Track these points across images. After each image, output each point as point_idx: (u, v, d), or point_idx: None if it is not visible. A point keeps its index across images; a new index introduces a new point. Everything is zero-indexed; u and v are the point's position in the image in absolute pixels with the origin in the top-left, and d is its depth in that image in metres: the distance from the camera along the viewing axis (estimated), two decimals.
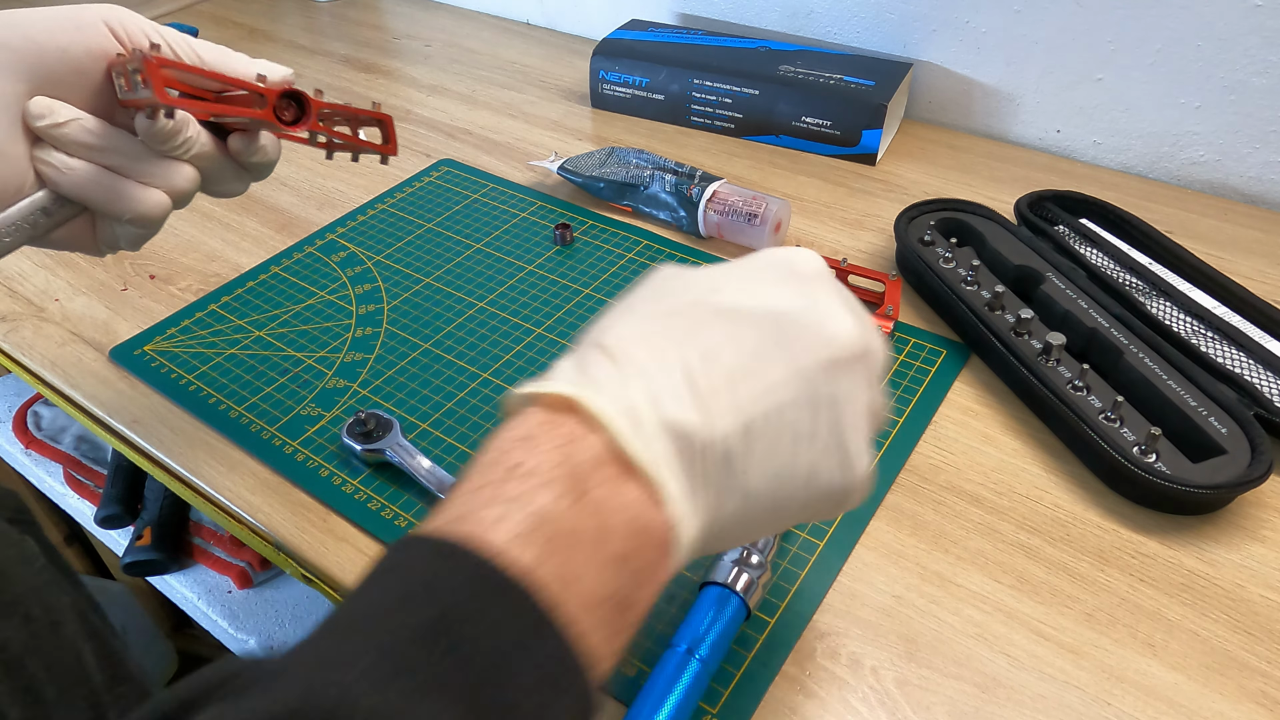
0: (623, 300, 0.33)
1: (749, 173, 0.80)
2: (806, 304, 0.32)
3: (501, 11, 1.14)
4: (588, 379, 0.28)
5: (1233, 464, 0.48)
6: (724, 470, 0.29)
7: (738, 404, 0.29)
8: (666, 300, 0.32)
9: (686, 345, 0.29)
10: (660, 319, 0.30)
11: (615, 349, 0.29)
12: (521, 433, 0.27)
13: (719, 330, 0.30)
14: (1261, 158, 0.74)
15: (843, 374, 0.32)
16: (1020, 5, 0.78)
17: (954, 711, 0.41)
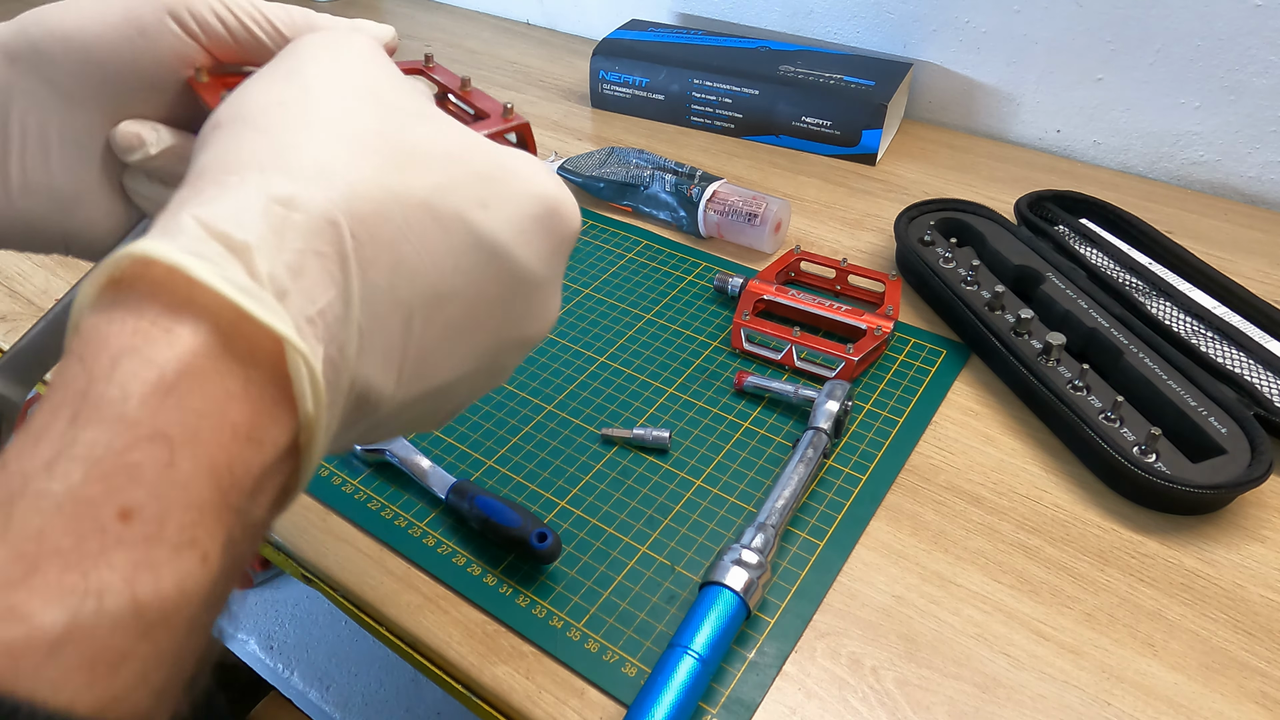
0: (325, 75, 0.27)
1: (749, 173, 0.80)
2: (550, 277, 0.29)
3: (501, 11, 1.14)
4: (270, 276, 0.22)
5: (1233, 464, 0.48)
6: (371, 420, 0.26)
7: (434, 377, 0.27)
8: (411, 156, 0.26)
9: (422, 284, 0.25)
10: (400, 202, 0.25)
11: (324, 229, 0.23)
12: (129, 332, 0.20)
13: (464, 269, 0.26)
14: (1261, 158, 0.74)
15: (526, 351, 0.31)
16: (1020, 5, 0.78)
17: (954, 711, 0.41)
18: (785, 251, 0.68)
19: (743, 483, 0.52)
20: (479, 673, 0.43)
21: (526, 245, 0.28)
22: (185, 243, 0.21)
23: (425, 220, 0.25)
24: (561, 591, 0.46)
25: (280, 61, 0.28)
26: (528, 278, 0.28)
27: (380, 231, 0.24)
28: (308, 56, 0.28)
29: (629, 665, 0.43)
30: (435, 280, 0.25)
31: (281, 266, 0.22)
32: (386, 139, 0.25)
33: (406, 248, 0.25)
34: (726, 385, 0.58)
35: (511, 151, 0.29)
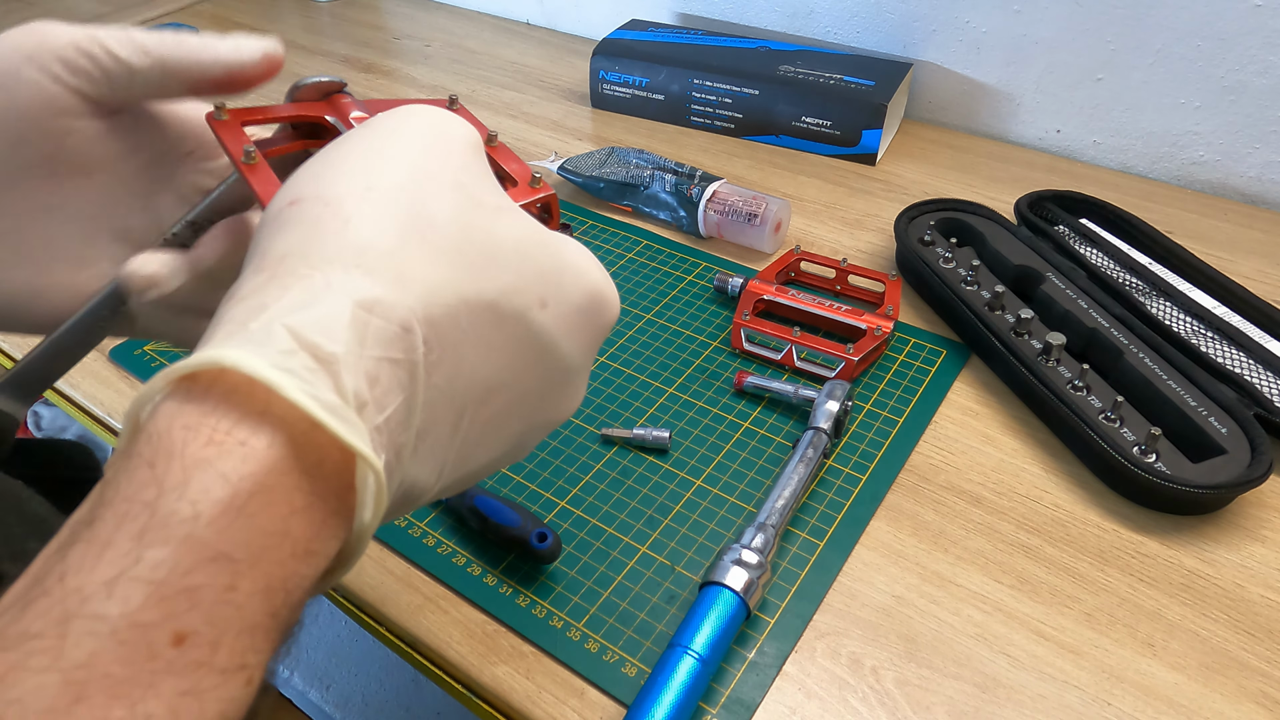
0: (406, 168, 0.25)
1: (749, 173, 0.80)
2: (584, 366, 0.30)
3: (501, 11, 1.14)
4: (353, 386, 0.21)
5: (1233, 464, 0.48)
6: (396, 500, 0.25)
7: (471, 466, 0.27)
8: (482, 258, 0.25)
9: (476, 384, 0.25)
10: (466, 306, 0.25)
11: (394, 337, 0.23)
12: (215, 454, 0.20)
13: (518, 368, 0.26)
14: (1261, 158, 0.74)
15: (545, 433, 0.31)
16: (1020, 5, 0.78)
17: (954, 711, 0.41)
18: (785, 251, 0.68)
19: (743, 483, 0.52)
20: (479, 673, 0.43)
21: (571, 338, 0.28)
22: (274, 355, 0.20)
23: (489, 321, 0.25)
24: (561, 591, 0.46)
25: (372, 135, 0.27)
26: (568, 367, 0.29)
27: (448, 335, 0.24)
28: (402, 136, 0.27)
29: (629, 665, 0.43)
30: (487, 376, 0.26)
31: (362, 378, 0.21)
32: (468, 238, 0.25)
33: (468, 349, 0.25)
34: (726, 385, 0.58)
35: (566, 242, 0.29)
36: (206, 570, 0.19)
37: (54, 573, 0.18)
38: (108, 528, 0.19)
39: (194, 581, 0.18)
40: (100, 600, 0.18)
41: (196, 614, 0.18)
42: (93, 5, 1.17)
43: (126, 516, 0.19)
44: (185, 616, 0.18)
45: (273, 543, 0.20)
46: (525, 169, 0.36)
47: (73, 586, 0.18)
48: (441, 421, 0.25)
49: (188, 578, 0.18)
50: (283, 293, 0.22)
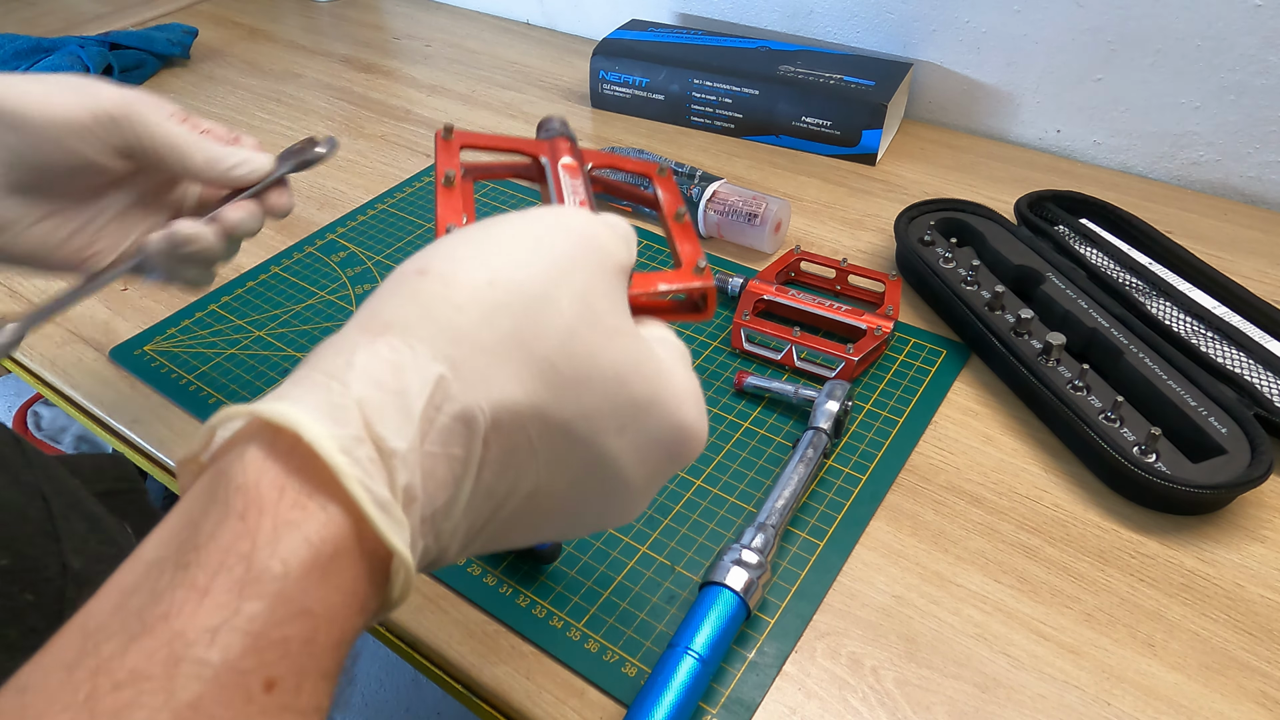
0: (541, 275, 0.27)
1: (749, 173, 0.81)
2: (650, 488, 0.30)
3: (501, 11, 1.14)
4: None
5: (1233, 464, 0.48)
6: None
7: (503, 542, 0.28)
8: (591, 384, 0.26)
9: (530, 486, 0.27)
10: (553, 416, 0.26)
11: (476, 430, 0.24)
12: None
13: (572, 477, 0.27)
14: (1261, 158, 0.74)
15: (599, 528, 0.31)
16: (1020, 5, 0.78)
17: (954, 711, 0.41)
18: (785, 251, 0.68)
19: (743, 483, 0.52)
20: (479, 673, 0.43)
21: (641, 466, 0.28)
22: (346, 439, 0.22)
23: (559, 438, 0.26)
24: (561, 591, 0.46)
25: (522, 228, 0.28)
26: (630, 491, 0.29)
27: (511, 440, 0.25)
28: (551, 238, 0.28)
29: (629, 665, 0.43)
30: (539, 482, 0.26)
31: (417, 473, 0.23)
32: (569, 355, 0.26)
33: (527, 457, 0.26)
34: (726, 385, 0.58)
35: (671, 374, 0.29)
36: (294, 624, 0.21)
37: (155, 611, 0.20)
38: (206, 575, 0.20)
39: (284, 634, 0.20)
40: (204, 646, 0.19)
41: (285, 663, 0.20)
42: (94, 5, 1.17)
43: (223, 567, 0.20)
44: (276, 665, 0.20)
45: (343, 600, 0.22)
46: (696, 251, 0.38)
47: (177, 630, 0.20)
48: (481, 509, 0.26)
49: (279, 630, 0.20)
50: (372, 360, 0.24)
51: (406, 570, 0.23)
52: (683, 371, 0.30)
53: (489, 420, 0.24)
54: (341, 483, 0.22)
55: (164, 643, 0.19)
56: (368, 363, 0.24)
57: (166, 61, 1.01)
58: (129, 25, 1.10)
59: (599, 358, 0.26)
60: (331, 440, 0.22)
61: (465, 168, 0.39)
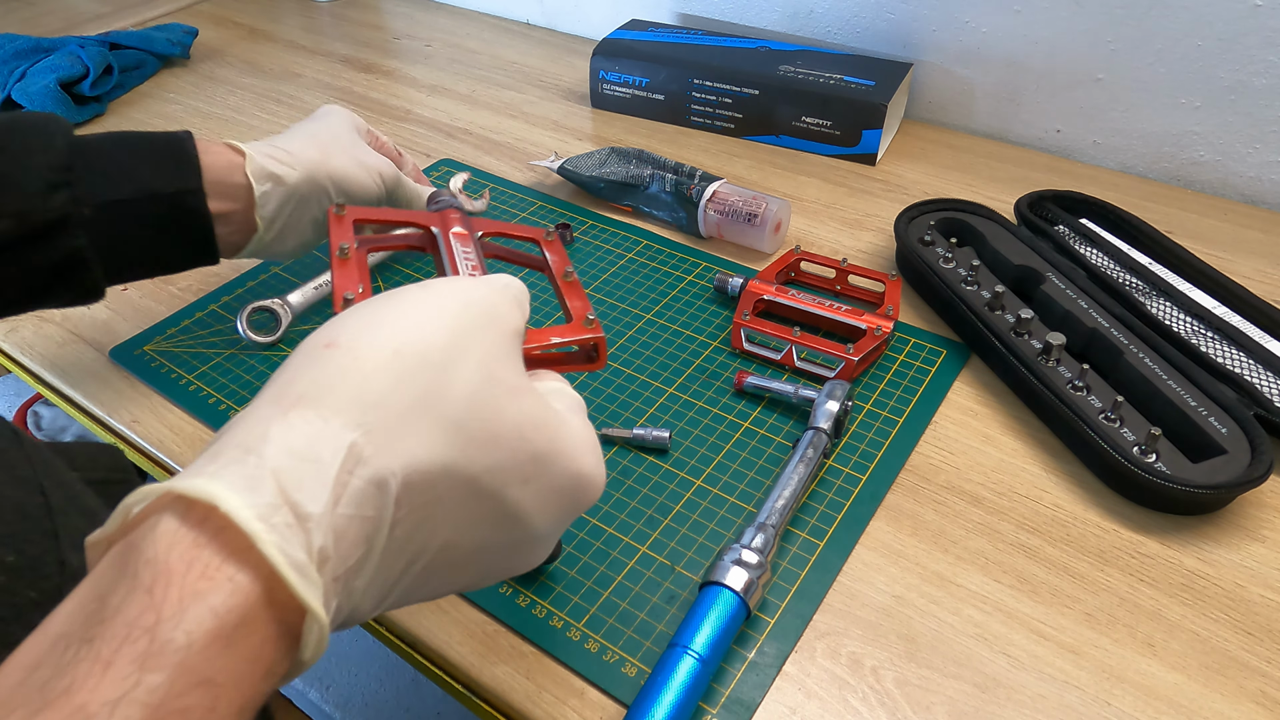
0: (424, 333, 0.28)
1: (749, 173, 0.80)
2: (553, 534, 0.32)
3: (501, 11, 1.14)
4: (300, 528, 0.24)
5: (1233, 464, 0.48)
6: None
7: (416, 595, 0.29)
8: (468, 431, 0.28)
9: (434, 545, 0.28)
10: (444, 472, 0.27)
11: (370, 490, 0.25)
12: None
13: (477, 530, 0.29)
14: (1261, 158, 0.74)
15: (508, 575, 0.33)
16: (1020, 5, 0.78)
17: (954, 711, 0.41)
18: (785, 251, 0.68)
19: (743, 483, 0.52)
20: (479, 673, 0.43)
21: (544, 513, 0.30)
22: (262, 507, 0.23)
23: (467, 493, 0.28)
24: (561, 591, 0.46)
25: (423, 300, 0.30)
26: (534, 536, 0.31)
27: (421, 498, 0.26)
28: (450, 310, 0.30)
29: (629, 665, 0.43)
30: (450, 536, 0.28)
31: (330, 535, 0.24)
32: (473, 415, 0.28)
33: (438, 511, 0.27)
34: (726, 385, 0.58)
35: (566, 425, 0.31)
36: (195, 694, 0.21)
37: (58, 685, 0.20)
38: (110, 648, 0.21)
39: (184, 704, 0.21)
40: (104, 719, 0.20)
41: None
42: (94, 5, 1.17)
43: (127, 640, 0.21)
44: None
45: (248, 668, 0.22)
46: (585, 306, 0.41)
47: (78, 703, 0.20)
48: (393, 565, 0.27)
49: (179, 700, 0.21)
50: (286, 432, 0.25)
51: (320, 628, 0.24)
52: (579, 422, 0.32)
53: (400, 482, 0.26)
54: (258, 548, 0.22)
55: (65, 716, 0.19)
56: (282, 435, 0.24)
57: (166, 61, 1.01)
58: (129, 25, 1.10)
59: (502, 416, 0.28)
60: (249, 509, 0.23)
61: (360, 240, 0.42)
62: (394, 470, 0.25)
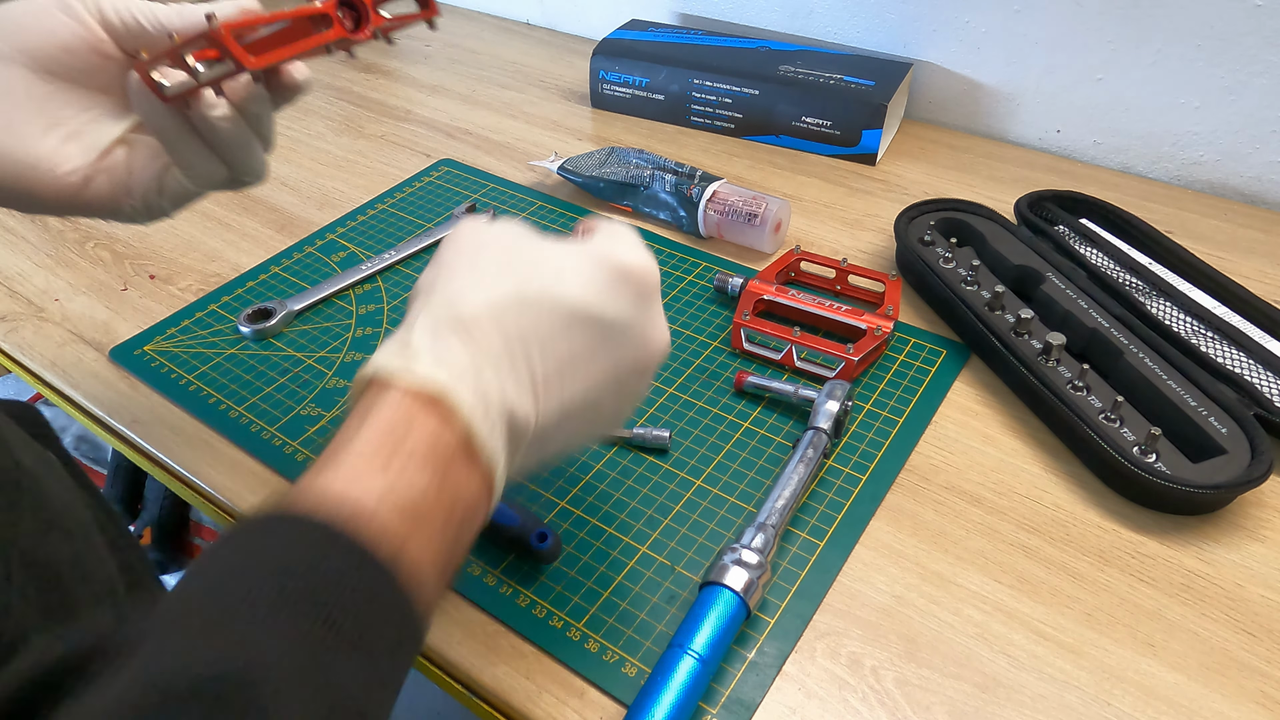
0: (467, 249, 0.37)
1: (749, 173, 0.80)
2: (638, 317, 0.38)
3: (501, 11, 1.14)
4: (447, 365, 0.33)
5: (1233, 464, 0.48)
6: (537, 445, 0.36)
7: (563, 396, 0.36)
8: (514, 273, 0.36)
9: (532, 339, 0.35)
10: (511, 300, 0.35)
11: (472, 327, 0.34)
12: (402, 414, 0.32)
13: (560, 327, 0.35)
14: (1261, 158, 0.74)
15: (648, 373, 0.40)
16: (1020, 5, 0.78)
17: (954, 711, 0.41)
18: (785, 251, 0.68)
19: (743, 483, 0.52)
20: (479, 673, 0.43)
21: (606, 299, 0.36)
22: (466, 393, 0.32)
23: (523, 302, 0.35)
24: (561, 591, 0.46)
25: (462, 245, 0.38)
26: (615, 321, 0.37)
27: (505, 320, 0.35)
28: (481, 241, 0.38)
29: (629, 665, 0.43)
30: (541, 332, 0.35)
31: (494, 387, 0.33)
32: (512, 268, 0.36)
33: (518, 319, 0.35)
34: (726, 385, 0.58)
35: (601, 239, 0.38)
36: (446, 493, 0.32)
37: (404, 445, 0.31)
38: (383, 455, 0.31)
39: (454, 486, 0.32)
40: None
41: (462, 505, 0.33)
42: None
43: (390, 448, 0.31)
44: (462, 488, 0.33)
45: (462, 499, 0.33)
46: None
47: (405, 451, 0.31)
48: (516, 363, 0.34)
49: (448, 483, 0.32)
50: (438, 343, 0.34)
51: (500, 470, 0.33)
52: (618, 237, 0.39)
53: (494, 319, 0.34)
54: (469, 423, 0.32)
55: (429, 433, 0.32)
56: (447, 348, 0.33)
57: None
58: None
59: (527, 259, 0.37)
60: (474, 410, 0.32)
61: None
62: (485, 316, 0.34)
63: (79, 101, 0.42)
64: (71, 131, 0.41)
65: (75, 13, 0.40)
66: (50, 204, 0.42)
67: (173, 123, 0.40)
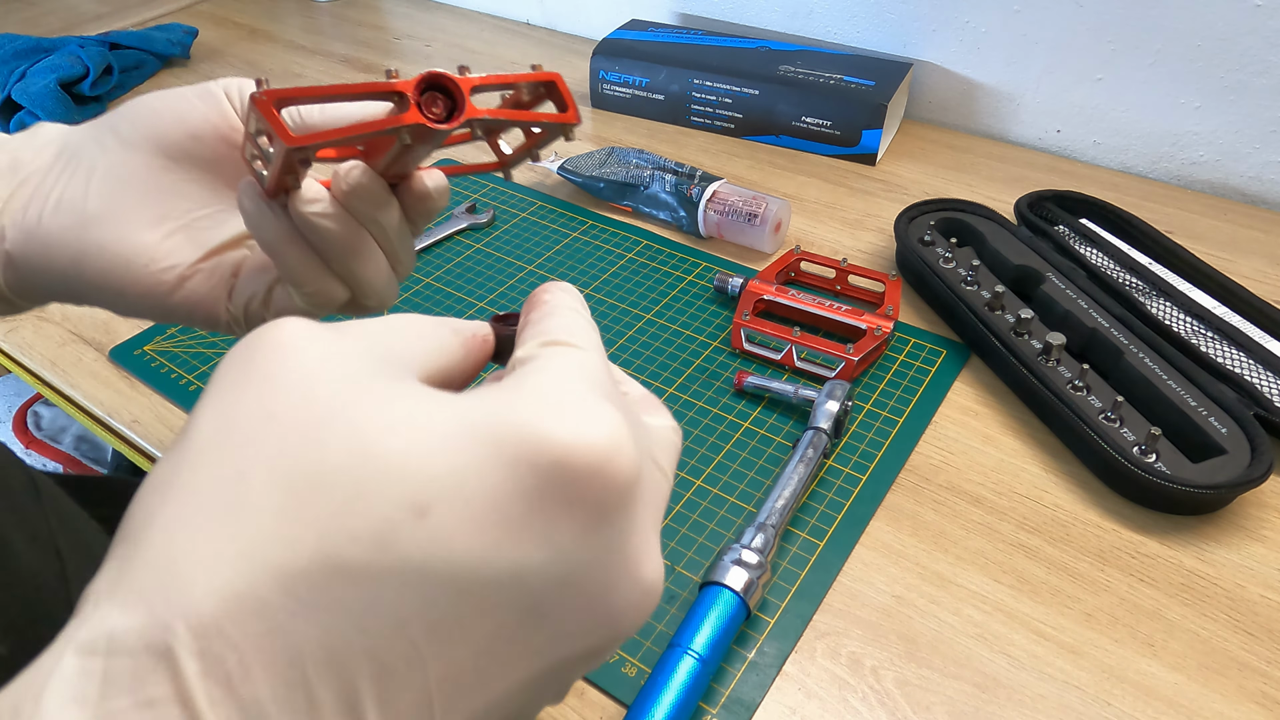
0: (240, 417, 0.19)
1: (749, 173, 0.80)
2: (596, 559, 0.20)
3: (501, 11, 1.14)
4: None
5: (1233, 464, 0.48)
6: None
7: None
8: (318, 496, 0.18)
9: (354, 656, 0.17)
10: (307, 570, 0.17)
11: (208, 650, 0.17)
12: None
13: (421, 619, 0.18)
14: (1261, 158, 0.74)
15: (616, 644, 0.22)
16: (1020, 5, 0.78)
17: (954, 711, 0.41)
18: (785, 251, 0.68)
19: (743, 483, 0.52)
20: None
21: (524, 539, 0.19)
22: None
23: (335, 572, 0.17)
24: None
25: (230, 407, 0.20)
26: (549, 580, 0.19)
27: (291, 624, 0.17)
28: (268, 396, 0.20)
29: (629, 665, 0.43)
30: (379, 638, 0.18)
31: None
32: (314, 482, 0.18)
33: (321, 616, 0.17)
34: (726, 385, 0.58)
35: (524, 393, 0.20)
36: None
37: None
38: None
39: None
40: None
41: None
42: (94, 5, 1.17)
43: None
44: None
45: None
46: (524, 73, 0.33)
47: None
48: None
49: None
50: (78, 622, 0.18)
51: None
52: (553, 381, 0.22)
53: (192, 629, 0.17)
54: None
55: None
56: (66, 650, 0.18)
57: (166, 61, 1.01)
58: (129, 25, 1.10)
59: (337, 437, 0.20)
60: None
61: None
62: (166, 621, 0.17)
63: (197, 195, 0.37)
64: (181, 226, 0.36)
65: (213, 98, 0.36)
66: (141, 303, 0.36)
67: (273, 221, 0.33)
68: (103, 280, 0.35)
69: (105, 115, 0.37)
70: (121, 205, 0.35)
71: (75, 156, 0.35)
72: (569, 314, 0.25)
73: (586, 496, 0.19)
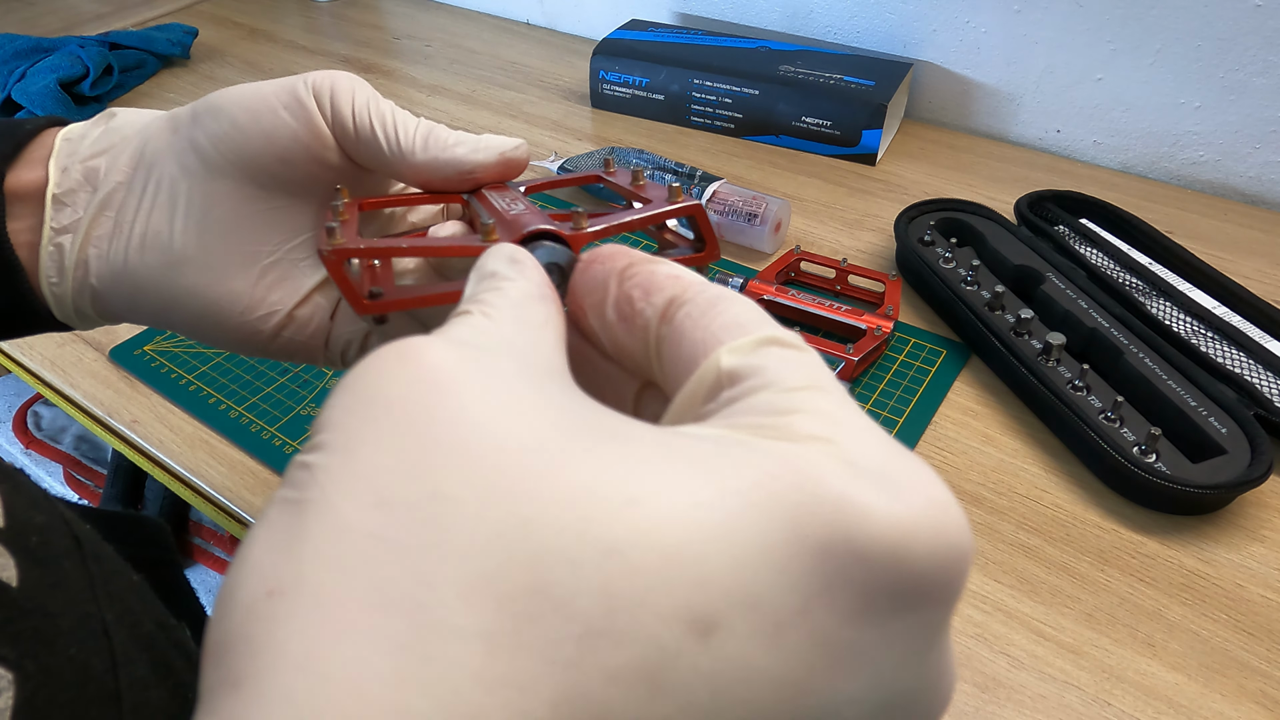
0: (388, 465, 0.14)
1: (749, 173, 0.80)
2: (912, 675, 0.15)
3: (501, 11, 1.14)
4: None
5: (1233, 464, 0.48)
6: None
7: None
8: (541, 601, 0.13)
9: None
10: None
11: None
12: None
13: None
14: (1261, 158, 0.74)
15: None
16: (1020, 5, 0.78)
17: (954, 711, 0.41)
18: (785, 251, 0.68)
19: None
20: None
21: (837, 659, 0.14)
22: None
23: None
24: None
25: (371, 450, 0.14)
26: (869, 709, 0.14)
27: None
28: (427, 429, 0.14)
29: None
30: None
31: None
32: (496, 578, 0.13)
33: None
34: None
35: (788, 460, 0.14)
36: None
37: None
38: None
39: None
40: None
41: None
42: (94, 5, 1.17)
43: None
44: None
45: None
46: (662, 190, 0.28)
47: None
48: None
49: None
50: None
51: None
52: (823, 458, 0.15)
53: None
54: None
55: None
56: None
57: (166, 61, 1.01)
58: (129, 25, 1.10)
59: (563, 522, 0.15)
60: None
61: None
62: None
63: (288, 225, 0.33)
64: (274, 263, 0.33)
65: (302, 111, 0.31)
66: (238, 347, 0.34)
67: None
68: (196, 325, 0.33)
69: (182, 115, 0.33)
70: (211, 245, 0.32)
71: (153, 171, 0.32)
72: (733, 295, 0.19)
73: (928, 601, 0.14)
